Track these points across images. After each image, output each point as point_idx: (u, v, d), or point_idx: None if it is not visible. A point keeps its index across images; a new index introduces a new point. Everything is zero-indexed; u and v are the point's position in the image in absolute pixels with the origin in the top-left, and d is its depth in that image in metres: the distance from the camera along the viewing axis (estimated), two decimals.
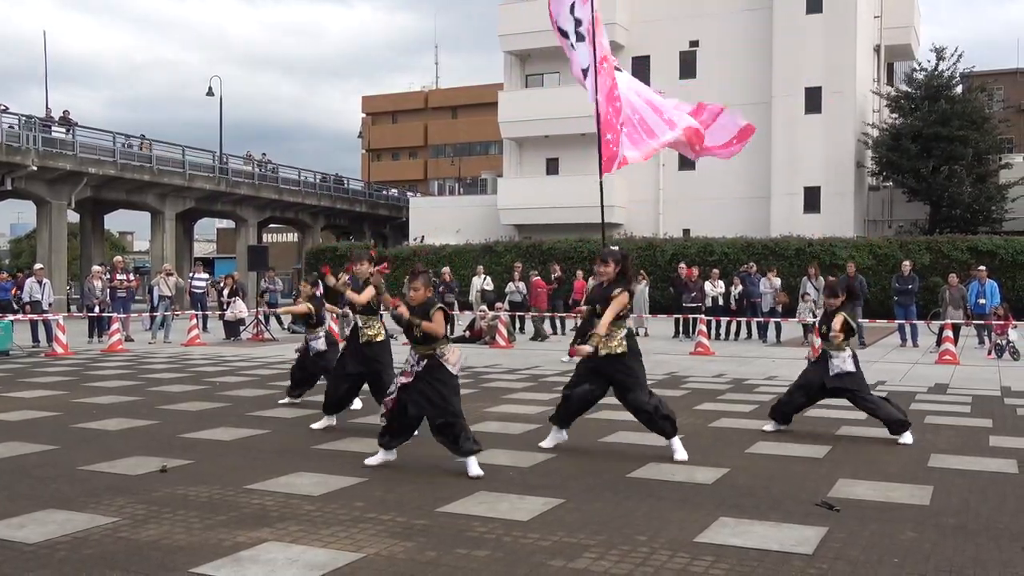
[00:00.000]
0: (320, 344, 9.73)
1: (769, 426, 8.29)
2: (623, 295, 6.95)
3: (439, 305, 6.45)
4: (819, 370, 8.08)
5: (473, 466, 6.28)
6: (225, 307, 21.33)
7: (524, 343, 19.32)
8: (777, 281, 19.89)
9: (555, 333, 21.85)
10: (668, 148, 10.94)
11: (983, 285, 17.43)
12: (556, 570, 4.30)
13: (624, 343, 6.98)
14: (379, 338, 8.35)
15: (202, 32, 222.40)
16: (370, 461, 6.65)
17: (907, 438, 7.63)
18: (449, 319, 6.36)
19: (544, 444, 7.40)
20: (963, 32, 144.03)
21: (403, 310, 6.42)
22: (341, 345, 9.40)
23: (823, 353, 8.11)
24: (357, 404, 9.13)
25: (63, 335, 16.88)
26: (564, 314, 21.64)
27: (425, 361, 6.43)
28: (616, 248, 7.72)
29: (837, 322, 7.85)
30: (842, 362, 7.91)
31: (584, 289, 19.71)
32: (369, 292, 8.08)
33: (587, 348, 6.91)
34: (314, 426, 8.40)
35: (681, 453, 6.92)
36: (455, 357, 6.45)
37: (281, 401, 10.03)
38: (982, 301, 17.18)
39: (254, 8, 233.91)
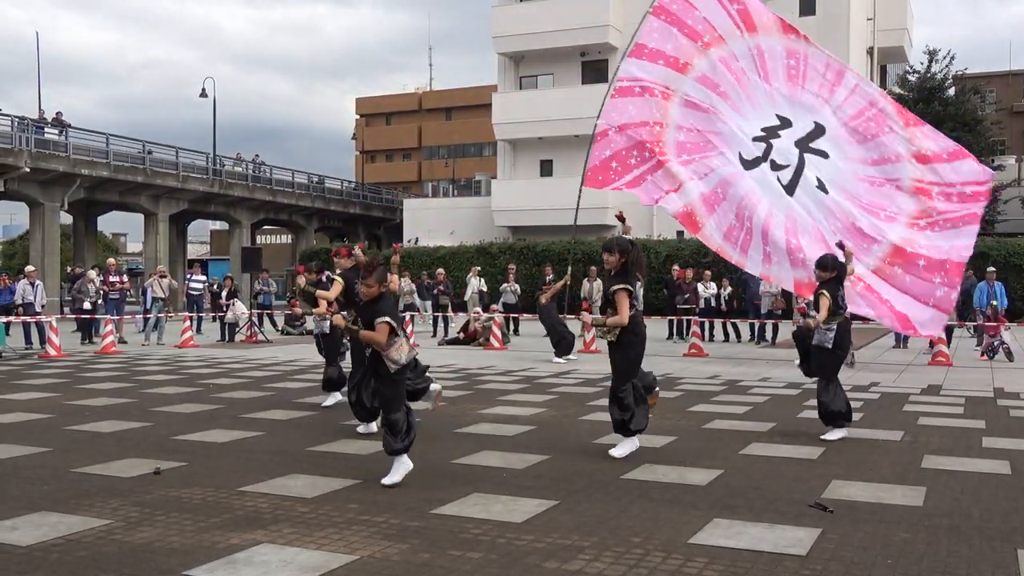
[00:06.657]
0: (326, 327, 9.86)
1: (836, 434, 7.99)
2: (621, 294, 6.95)
3: (386, 319, 6.02)
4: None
5: (399, 467, 6.06)
6: (225, 309, 21.30)
7: (518, 344, 19.32)
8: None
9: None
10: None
11: (992, 286, 17.40)
12: (550, 572, 4.30)
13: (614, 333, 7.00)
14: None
15: (196, 30, 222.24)
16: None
17: (833, 434, 7.79)
18: (396, 331, 6.08)
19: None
20: (962, 31, 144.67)
21: (338, 320, 6.40)
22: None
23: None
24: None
25: (56, 337, 16.84)
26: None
27: (370, 351, 6.30)
28: (626, 237, 7.59)
29: (823, 309, 7.87)
30: (823, 337, 7.98)
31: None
32: (336, 289, 8.62)
33: (599, 318, 7.10)
34: (325, 403, 9.45)
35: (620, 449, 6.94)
36: (396, 353, 6.06)
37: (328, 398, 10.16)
38: (994, 303, 17.05)
39: (250, 6, 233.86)
